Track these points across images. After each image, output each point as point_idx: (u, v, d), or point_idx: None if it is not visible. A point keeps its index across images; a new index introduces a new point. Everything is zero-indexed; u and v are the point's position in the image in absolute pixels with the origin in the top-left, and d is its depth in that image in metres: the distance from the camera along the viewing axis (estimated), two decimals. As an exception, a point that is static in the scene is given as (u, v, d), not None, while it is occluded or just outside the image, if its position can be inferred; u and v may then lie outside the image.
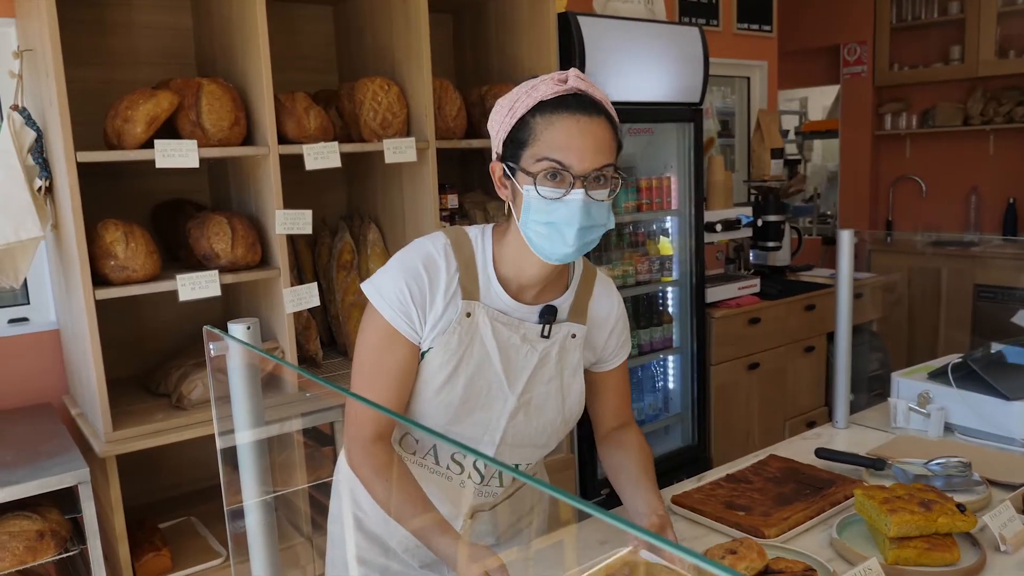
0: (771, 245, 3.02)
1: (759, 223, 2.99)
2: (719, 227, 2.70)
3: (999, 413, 1.35)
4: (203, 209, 1.84)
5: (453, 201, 1.98)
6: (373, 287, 0.96)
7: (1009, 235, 3.92)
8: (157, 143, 1.48)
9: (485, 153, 1.99)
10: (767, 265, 3.14)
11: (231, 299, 1.91)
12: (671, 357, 2.70)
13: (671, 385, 2.76)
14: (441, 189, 1.91)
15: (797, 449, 1.36)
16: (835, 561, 0.98)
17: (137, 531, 1.61)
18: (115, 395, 1.55)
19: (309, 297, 1.69)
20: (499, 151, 0.94)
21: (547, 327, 0.98)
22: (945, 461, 1.17)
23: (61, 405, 1.80)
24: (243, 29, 1.63)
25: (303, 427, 1.68)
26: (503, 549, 1.06)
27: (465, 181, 2.33)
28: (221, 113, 1.56)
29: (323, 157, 1.68)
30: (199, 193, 1.95)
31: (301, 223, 1.66)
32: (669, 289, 2.66)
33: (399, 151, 1.78)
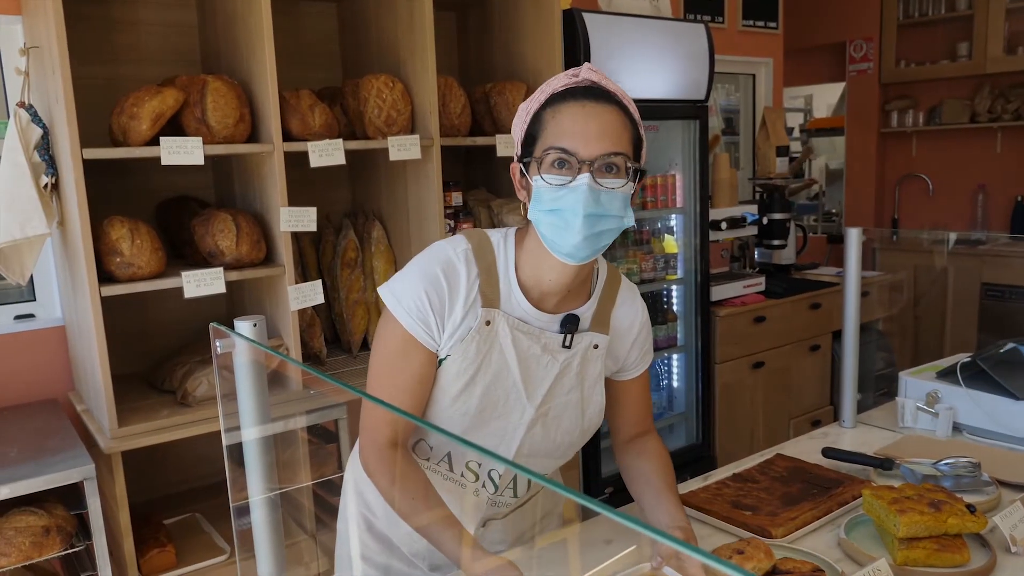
0: (776, 243, 3.01)
1: (764, 221, 2.98)
2: (724, 225, 2.69)
3: (1009, 413, 1.34)
4: (208, 206, 1.84)
5: (457, 199, 1.98)
6: (391, 293, 0.93)
7: (1017, 233, 3.89)
8: (162, 140, 1.48)
9: (490, 151, 1.99)
10: (772, 263, 3.13)
11: (235, 296, 1.91)
12: (675, 355, 2.70)
13: (675, 383, 2.75)
14: (445, 187, 1.91)
15: (804, 448, 1.35)
16: (843, 562, 0.97)
17: (142, 527, 1.62)
18: (120, 392, 1.55)
19: (313, 294, 1.69)
20: (518, 152, 0.93)
21: (568, 337, 0.95)
22: (954, 461, 1.16)
23: (67, 401, 1.81)
24: (248, 26, 1.63)
25: (307, 424, 1.68)
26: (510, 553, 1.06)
27: (469, 179, 2.33)
28: (226, 110, 1.56)
29: (327, 154, 1.68)
30: (204, 190, 1.95)
31: (305, 220, 1.66)
32: (674, 287, 2.66)
33: (403, 148, 1.78)
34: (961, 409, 1.40)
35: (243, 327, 0.73)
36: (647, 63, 2.32)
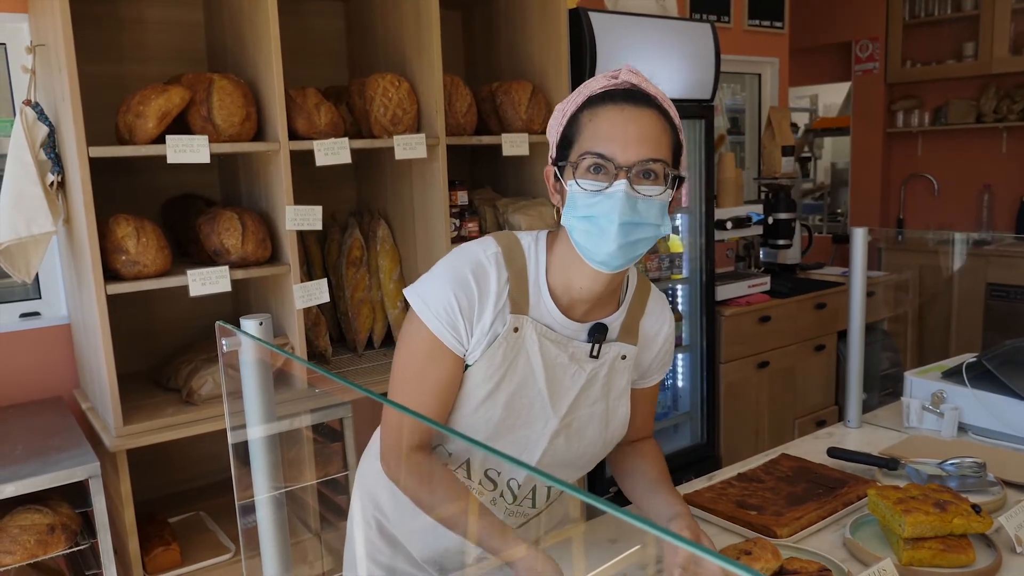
0: (781, 243, 3.00)
1: (769, 221, 2.98)
2: (729, 224, 2.69)
3: (1014, 413, 1.33)
4: (214, 205, 1.85)
5: (463, 198, 1.98)
6: (418, 296, 0.90)
7: (1022, 233, 3.88)
8: (168, 138, 1.48)
9: (495, 150, 1.99)
10: (777, 263, 3.12)
11: (241, 295, 1.91)
12: (680, 355, 2.69)
13: (680, 383, 2.74)
14: (451, 186, 1.91)
15: (809, 448, 1.35)
16: (848, 562, 0.97)
17: (147, 525, 1.62)
18: (125, 390, 1.55)
19: (319, 293, 1.69)
20: (553, 155, 0.90)
21: (596, 347, 0.92)
22: (959, 461, 1.15)
23: (72, 399, 1.81)
24: (254, 24, 1.63)
25: (313, 423, 1.69)
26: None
27: (475, 178, 2.33)
28: (232, 109, 1.56)
29: (333, 153, 1.68)
30: (210, 189, 1.95)
31: (311, 219, 1.66)
32: (679, 287, 2.65)
33: (409, 147, 1.78)
34: (966, 409, 1.39)
35: (249, 325, 0.73)
36: (653, 62, 2.31)
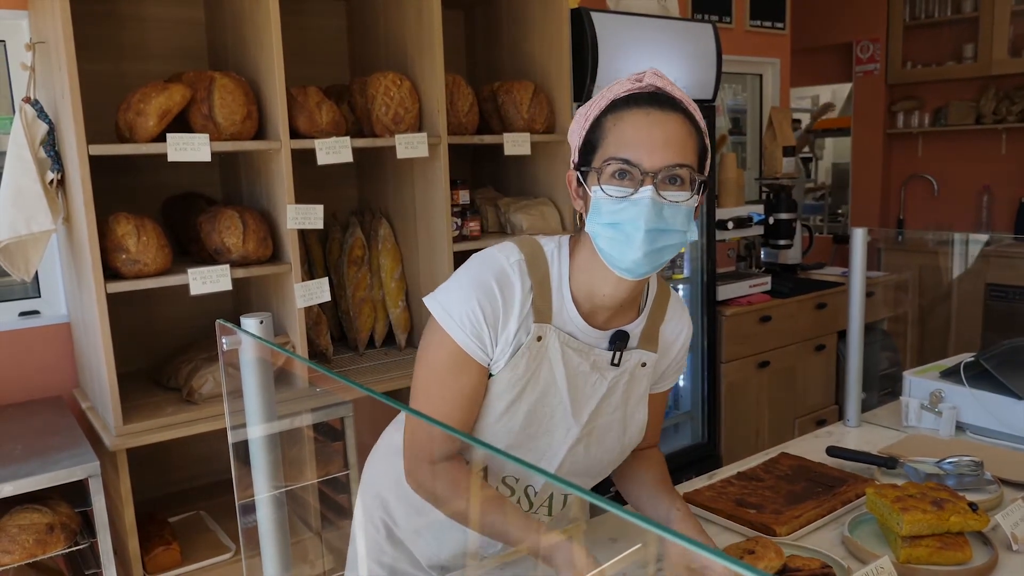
0: (782, 243, 3.01)
1: (770, 221, 2.98)
2: (730, 225, 2.69)
3: (1011, 412, 1.33)
4: (214, 203, 1.85)
5: (465, 197, 1.98)
6: (439, 305, 0.88)
7: (1021, 234, 3.88)
8: (169, 137, 1.48)
9: (497, 149, 1.99)
10: (778, 263, 3.13)
11: (242, 294, 1.91)
12: (680, 355, 2.69)
13: (681, 382, 2.74)
14: (453, 185, 1.91)
15: (808, 447, 1.35)
16: (847, 560, 0.97)
17: (147, 525, 1.62)
18: (125, 389, 1.55)
19: (320, 292, 1.69)
20: (575, 159, 0.88)
21: (617, 354, 0.91)
22: (957, 460, 1.16)
23: (71, 398, 1.81)
24: (255, 23, 1.63)
25: (314, 422, 1.69)
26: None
27: (477, 177, 2.33)
28: (233, 107, 1.56)
29: (335, 152, 1.68)
30: (211, 187, 1.95)
31: (312, 218, 1.66)
32: (680, 286, 2.65)
33: (411, 146, 1.78)
34: (964, 408, 1.39)
35: (249, 324, 0.73)
36: (655, 63, 2.31)
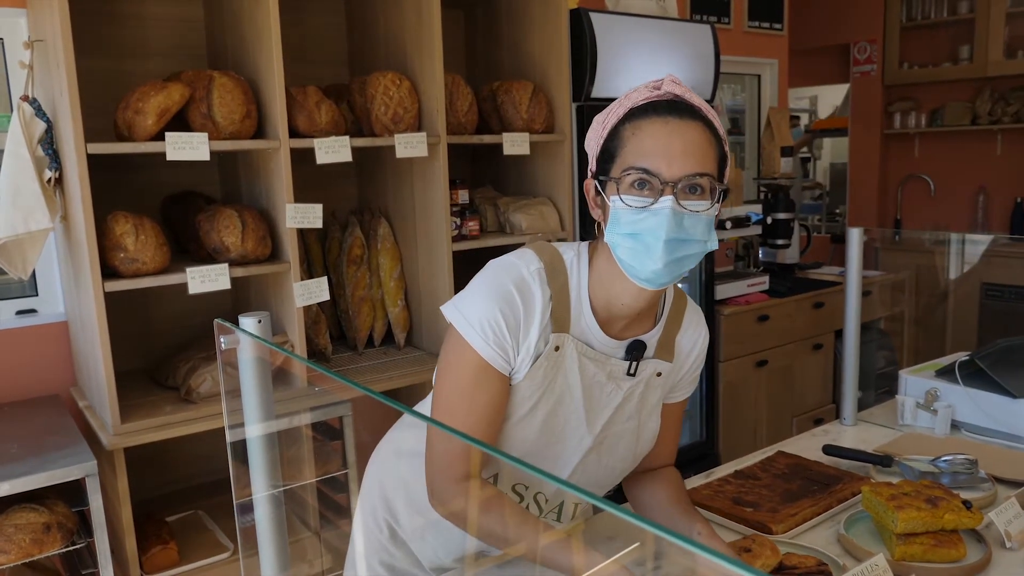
0: (780, 243, 3.01)
1: (768, 221, 2.99)
2: (729, 224, 2.69)
3: (1006, 411, 1.34)
4: (213, 202, 1.84)
5: (464, 196, 1.98)
6: (459, 314, 0.86)
7: (1017, 234, 3.90)
8: (168, 135, 1.48)
9: (496, 149, 2.00)
10: (776, 263, 3.13)
11: (240, 293, 1.91)
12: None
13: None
14: (452, 184, 1.91)
15: (805, 446, 1.36)
16: (842, 557, 0.98)
17: (144, 524, 1.62)
18: (123, 388, 1.55)
19: (319, 291, 1.69)
20: (593, 168, 0.87)
21: (633, 364, 0.90)
22: (952, 458, 1.17)
23: (69, 397, 1.81)
24: (255, 22, 1.63)
25: (312, 421, 1.69)
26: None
27: (476, 176, 2.33)
28: (232, 106, 1.56)
29: (334, 151, 1.68)
30: (209, 186, 1.95)
31: (312, 217, 1.66)
32: (678, 285, 2.65)
33: (410, 146, 1.78)
34: (959, 407, 1.40)
35: (248, 323, 0.73)
36: (653, 63, 2.32)
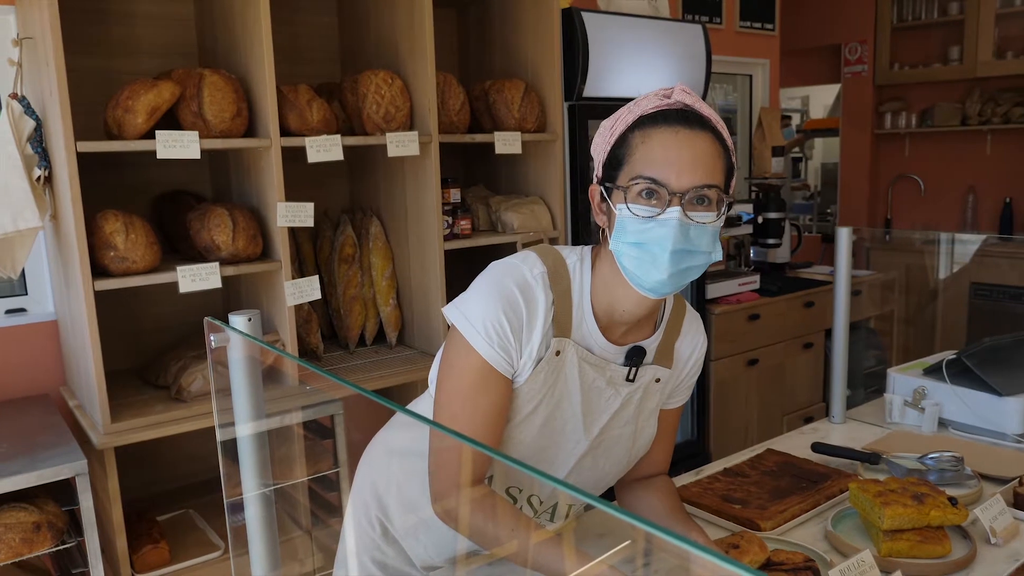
0: (771, 242, 3.03)
1: (760, 220, 3.00)
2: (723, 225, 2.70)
3: (992, 409, 1.36)
4: (204, 201, 1.84)
5: (455, 195, 1.98)
6: (462, 316, 0.85)
7: (1005, 234, 3.94)
8: (158, 134, 1.48)
9: (488, 148, 2.00)
10: (767, 262, 3.15)
11: (231, 291, 1.91)
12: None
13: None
14: (444, 183, 1.91)
15: (794, 443, 1.37)
16: (830, 553, 0.99)
17: (135, 523, 1.61)
18: (114, 387, 1.54)
19: (310, 290, 1.69)
20: (599, 174, 0.87)
21: (633, 370, 0.90)
22: (939, 456, 1.18)
23: (58, 396, 1.80)
24: (245, 20, 1.63)
25: (303, 420, 1.69)
26: None
27: (468, 175, 2.34)
28: (223, 104, 1.56)
29: (325, 150, 1.68)
30: (200, 185, 1.94)
31: (303, 216, 1.66)
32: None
33: (402, 145, 1.78)
34: (947, 405, 1.42)
35: (238, 321, 0.72)
36: (645, 63, 2.33)
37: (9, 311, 1.82)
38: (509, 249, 1.95)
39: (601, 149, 0.87)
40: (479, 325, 0.84)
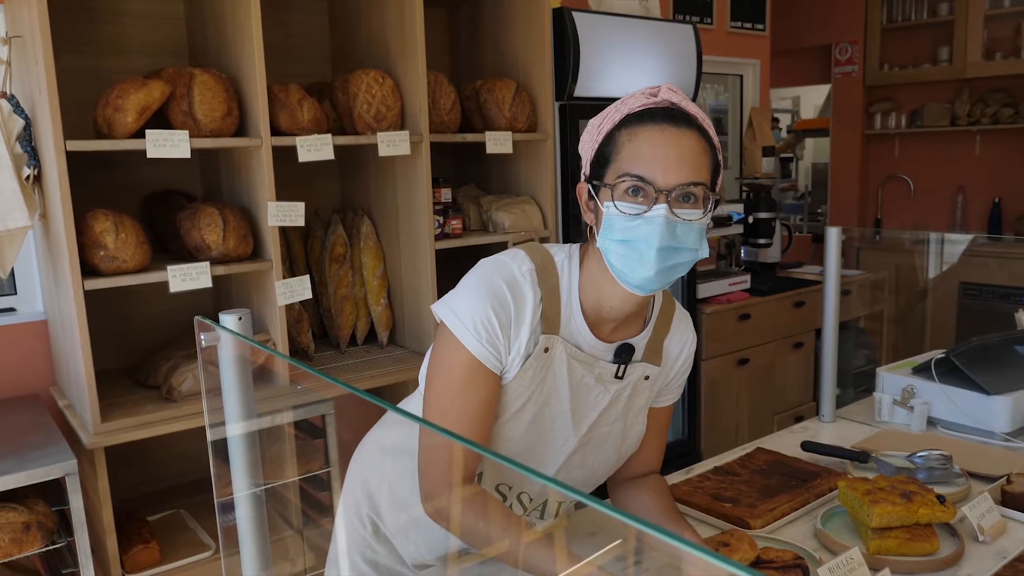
0: (762, 242, 3.05)
1: (750, 220, 3.02)
2: (710, 224, 2.72)
3: (980, 407, 1.37)
4: (194, 200, 1.83)
5: (447, 195, 1.98)
6: (451, 313, 0.86)
7: (994, 234, 3.98)
8: (148, 133, 1.47)
9: (479, 147, 2.00)
10: (758, 262, 3.17)
11: (222, 291, 1.90)
12: (661, 352, 2.71)
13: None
14: (435, 183, 1.91)
15: (784, 442, 1.38)
16: (819, 551, 1.00)
17: (126, 523, 1.61)
18: (104, 387, 1.54)
19: (301, 290, 1.69)
20: (587, 172, 0.87)
21: (622, 368, 0.91)
22: (927, 454, 1.19)
23: (48, 396, 1.79)
24: (236, 19, 1.62)
25: (294, 419, 1.68)
26: None
27: (459, 175, 2.34)
28: (213, 103, 1.55)
29: (316, 149, 1.68)
30: (190, 184, 1.93)
31: (294, 215, 1.66)
32: (666, 288, 2.67)
33: (393, 144, 1.78)
34: (935, 404, 1.43)
35: (228, 320, 0.72)
36: (636, 63, 2.33)
37: (-3, 311, 1.81)
38: (500, 249, 1.93)
39: (589, 147, 0.87)
40: (467, 321, 0.85)
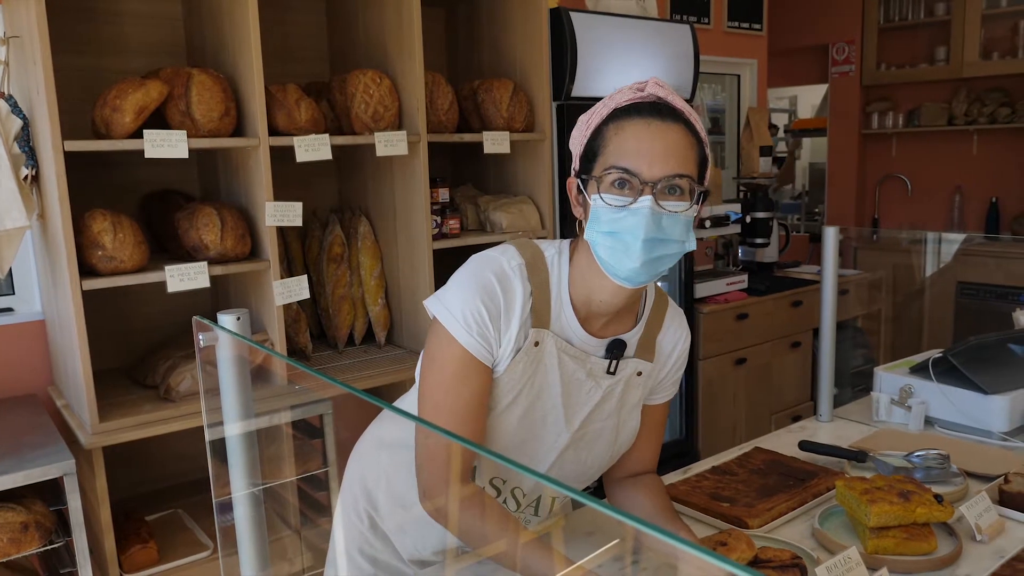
0: (759, 242, 3.05)
1: (748, 220, 3.02)
2: (708, 223, 2.72)
3: (978, 407, 1.37)
4: (192, 200, 1.83)
5: (444, 195, 1.98)
6: (443, 307, 0.87)
7: (991, 233, 3.99)
8: (146, 133, 1.47)
9: (477, 147, 2.00)
10: (755, 261, 3.17)
11: (220, 291, 1.90)
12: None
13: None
14: (432, 183, 1.91)
15: (781, 442, 1.38)
16: (817, 551, 1.00)
17: (124, 523, 1.60)
18: (102, 387, 1.54)
19: (299, 289, 1.69)
20: (576, 167, 0.88)
21: (614, 363, 0.92)
22: (925, 453, 1.19)
23: (46, 396, 1.79)
24: (234, 19, 1.62)
25: (292, 419, 1.68)
26: None
27: (456, 175, 2.34)
28: (211, 104, 1.55)
29: (314, 149, 1.68)
30: (188, 184, 1.93)
31: (291, 215, 1.66)
32: (658, 284, 2.68)
33: (390, 144, 1.78)
34: (933, 403, 1.43)
35: (226, 320, 0.72)
36: (633, 62, 2.34)
37: (-5, 311, 1.80)
38: (500, 248, 1.95)
39: (578, 142, 0.89)
40: (458, 314, 0.86)
